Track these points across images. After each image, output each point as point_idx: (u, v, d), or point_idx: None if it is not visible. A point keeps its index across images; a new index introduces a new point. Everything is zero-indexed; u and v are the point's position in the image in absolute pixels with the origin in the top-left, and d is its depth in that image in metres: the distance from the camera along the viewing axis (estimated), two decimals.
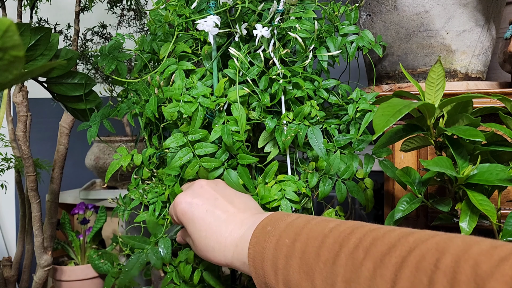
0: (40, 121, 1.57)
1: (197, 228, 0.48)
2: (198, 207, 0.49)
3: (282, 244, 0.41)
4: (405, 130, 0.54)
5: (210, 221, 0.48)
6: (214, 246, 0.47)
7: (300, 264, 0.38)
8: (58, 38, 0.58)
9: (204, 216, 0.48)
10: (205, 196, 0.50)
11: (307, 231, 0.40)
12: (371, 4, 0.81)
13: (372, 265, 0.34)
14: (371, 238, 0.36)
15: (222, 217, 0.48)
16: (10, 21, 0.21)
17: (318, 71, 0.65)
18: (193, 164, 0.54)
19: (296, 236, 0.40)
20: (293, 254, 0.39)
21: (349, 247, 0.36)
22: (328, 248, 0.37)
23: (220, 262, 0.47)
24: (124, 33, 0.70)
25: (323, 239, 0.38)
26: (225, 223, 0.47)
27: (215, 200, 0.49)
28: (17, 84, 0.89)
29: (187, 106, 0.54)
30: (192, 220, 0.49)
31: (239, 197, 0.51)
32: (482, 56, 0.80)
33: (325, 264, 0.37)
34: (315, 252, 0.38)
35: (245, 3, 0.55)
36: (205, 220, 0.48)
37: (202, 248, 0.48)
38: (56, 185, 0.96)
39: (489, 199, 0.48)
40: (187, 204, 0.49)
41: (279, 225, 0.43)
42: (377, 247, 0.35)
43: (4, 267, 1.08)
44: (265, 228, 0.43)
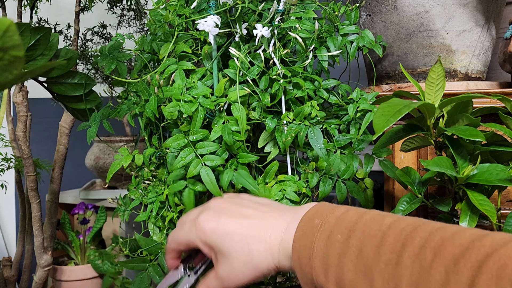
0: (40, 121, 1.56)
1: (235, 240, 0.43)
2: (227, 222, 0.44)
3: (334, 240, 0.38)
4: (405, 130, 0.54)
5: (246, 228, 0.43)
6: (259, 248, 0.42)
7: (356, 263, 0.35)
8: (58, 38, 0.58)
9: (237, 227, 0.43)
10: (227, 210, 0.45)
11: (362, 227, 0.37)
12: (371, 4, 0.81)
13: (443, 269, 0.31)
14: (439, 238, 0.33)
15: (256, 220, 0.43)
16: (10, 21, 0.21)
17: (318, 71, 0.65)
18: (196, 163, 0.54)
19: (349, 232, 0.37)
20: (348, 252, 0.36)
21: (414, 247, 0.33)
22: (390, 247, 0.34)
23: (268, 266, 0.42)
24: (124, 33, 0.70)
25: (383, 237, 0.35)
26: (262, 223, 0.43)
27: (240, 209, 0.45)
28: (17, 84, 0.89)
29: (187, 105, 0.54)
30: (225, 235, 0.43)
31: (260, 200, 0.47)
32: (482, 56, 0.80)
33: (386, 264, 0.34)
34: (374, 251, 0.35)
35: (245, 3, 0.55)
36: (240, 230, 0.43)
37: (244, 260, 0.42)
38: (56, 185, 0.96)
39: (489, 199, 0.48)
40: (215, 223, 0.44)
41: (328, 219, 0.39)
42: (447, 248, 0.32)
43: (4, 267, 1.08)
44: (312, 220, 0.40)
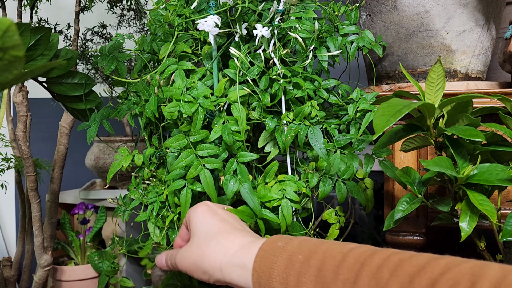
0: (40, 121, 1.56)
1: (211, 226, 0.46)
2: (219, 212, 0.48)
3: (294, 261, 0.38)
4: (405, 130, 0.54)
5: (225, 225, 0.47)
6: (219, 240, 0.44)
7: (315, 282, 0.36)
8: (58, 38, 0.58)
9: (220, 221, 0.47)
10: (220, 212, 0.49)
11: (324, 250, 0.38)
12: (371, 4, 0.81)
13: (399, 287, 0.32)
14: (397, 259, 0.34)
15: (237, 226, 0.47)
16: (10, 21, 0.21)
17: (318, 71, 0.65)
18: (196, 165, 0.54)
19: (311, 254, 0.38)
20: (308, 272, 0.37)
21: (372, 267, 0.34)
22: (348, 267, 0.35)
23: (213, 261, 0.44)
24: (124, 33, 0.70)
25: (343, 258, 0.36)
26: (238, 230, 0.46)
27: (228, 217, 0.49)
28: (17, 84, 0.89)
29: (187, 106, 0.54)
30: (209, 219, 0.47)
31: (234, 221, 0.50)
32: (482, 56, 0.80)
33: (344, 283, 0.34)
34: (332, 271, 0.36)
35: (245, 3, 0.55)
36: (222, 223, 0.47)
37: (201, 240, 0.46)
38: (56, 185, 0.96)
39: (489, 199, 0.48)
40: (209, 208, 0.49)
41: (291, 242, 0.41)
42: (404, 268, 0.33)
43: (4, 267, 1.08)
44: (275, 243, 0.41)
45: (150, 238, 0.62)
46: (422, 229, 0.72)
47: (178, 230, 0.61)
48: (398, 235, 0.73)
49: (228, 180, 0.55)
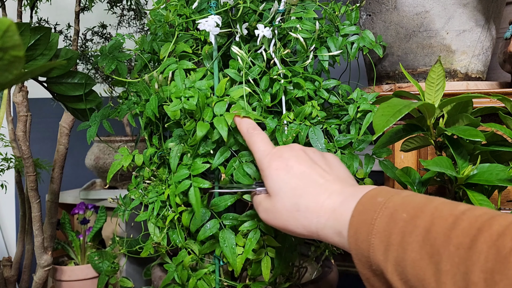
0: (40, 121, 1.56)
1: (291, 186, 0.44)
2: (295, 167, 0.45)
3: (398, 219, 0.35)
4: (405, 130, 0.54)
5: (306, 182, 0.44)
6: (308, 204, 0.42)
7: (422, 244, 0.33)
8: (58, 38, 0.58)
9: (301, 176, 0.44)
10: (302, 159, 0.46)
11: (432, 209, 0.35)
12: (371, 4, 0.81)
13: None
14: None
15: (320, 181, 0.44)
16: (10, 21, 0.21)
17: (319, 71, 0.65)
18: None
19: (416, 213, 0.35)
20: (413, 232, 0.34)
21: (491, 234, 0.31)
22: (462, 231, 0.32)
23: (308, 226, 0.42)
24: (124, 33, 0.70)
25: (455, 221, 0.33)
26: (323, 186, 0.43)
27: (312, 164, 0.45)
28: (17, 84, 0.89)
29: (189, 100, 0.54)
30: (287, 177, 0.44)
31: (337, 168, 0.47)
32: (482, 56, 0.80)
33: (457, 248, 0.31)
34: (443, 233, 0.33)
35: (246, 3, 0.55)
36: (302, 180, 0.44)
37: (290, 207, 0.43)
38: (56, 185, 0.96)
39: (489, 199, 0.48)
40: (284, 162, 0.45)
41: (393, 198, 0.38)
42: None
43: (4, 267, 1.08)
44: (375, 198, 0.38)
45: (150, 238, 0.62)
46: None
47: (179, 230, 0.61)
48: None
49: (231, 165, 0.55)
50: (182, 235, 0.61)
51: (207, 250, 0.59)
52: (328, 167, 0.46)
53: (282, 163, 0.46)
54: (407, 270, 0.34)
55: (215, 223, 0.57)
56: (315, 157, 0.47)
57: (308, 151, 0.48)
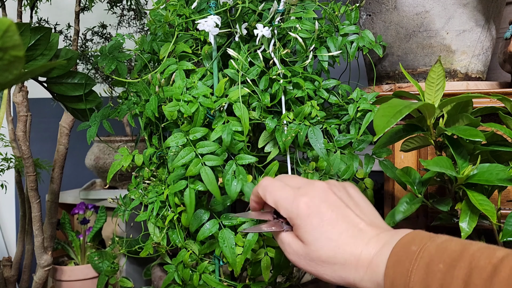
0: (40, 121, 1.56)
1: (324, 237, 0.41)
2: (326, 215, 0.42)
3: (435, 270, 0.35)
4: (405, 130, 0.54)
5: (340, 231, 0.41)
6: (345, 258, 0.40)
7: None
8: (58, 38, 0.58)
9: (333, 226, 0.41)
10: (333, 204, 0.43)
11: (468, 258, 0.34)
12: (371, 4, 0.81)
13: None
14: None
15: (354, 231, 0.41)
16: (10, 21, 0.21)
17: (318, 71, 0.65)
18: (196, 163, 0.54)
19: (453, 262, 0.34)
20: (452, 283, 0.33)
21: None
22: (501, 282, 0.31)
23: (347, 278, 0.41)
24: (124, 33, 0.70)
25: (494, 270, 0.32)
26: (358, 237, 0.41)
27: (344, 210, 0.43)
28: (17, 84, 0.89)
29: (187, 106, 0.54)
30: (319, 227, 0.42)
31: (366, 208, 0.45)
32: (482, 56, 0.80)
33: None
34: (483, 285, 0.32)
35: (246, 3, 0.55)
36: (335, 229, 0.41)
37: (326, 259, 0.41)
38: (56, 185, 0.96)
39: (489, 199, 0.48)
40: (314, 210, 0.42)
41: (427, 246, 0.37)
42: None
43: (4, 267, 1.08)
44: (409, 247, 0.37)
45: (150, 238, 0.62)
46: (422, 229, 0.72)
47: (178, 230, 0.61)
48: None
49: (230, 180, 0.54)
50: (182, 235, 0.61)
51: (207, 250, 0.59)
52: (357, 208, 0.44)
53: (313, 209, 0.43)
54: None
55: (215, 223, 0.57)
56: (342, 195, 0.45)
57: (334, 189, 0.45)
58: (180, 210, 0.59)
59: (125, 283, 0.69)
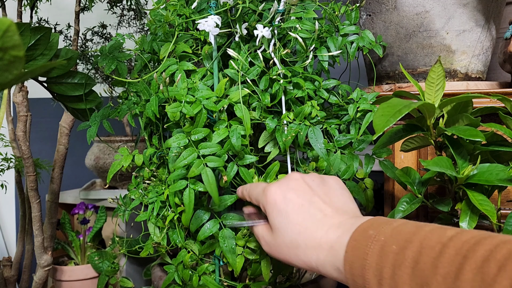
0: (40, 121, 1.56)
1: (289, 221, 0.44)
2: (292, 201, 0.45)
3: (388, 251, 0.36)
4: (405, 130, 0.54)
5: (304, 217, 0.44)
6: (307, 242, 0.42)
7: (411, 275, 0.33)
8: (58, 38, 0.58)
9: (298, 211, 0.44)
10: (301, 191, 0.46)
11: (420, 239, 0.35)
12: (371, 4, 0.81)
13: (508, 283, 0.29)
14: (506, 250, 0.30)
15: (317, 216, 0.44)
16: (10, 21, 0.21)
17: (319, 71, 0.65)
18: (198, 164, 0.54)
19: (406, 244, 0.35)
20: (403, 264, 0.34)
21: (477, 260, 0.31)
22: (449, 259, 0.32)
23: (308, 262, 0.42)
24: (124, 33, 0.70)
25: (442, 249, 0.33)
26: (321, 222, 0.43)
27: (311, 197, 0.45)
28: (17, 84, 0.89)
29: (190, 107, 0.54)
30: (284, 212, 0.44)
31: (336, 197, 0.47)
32: (482, 56, 0.80)
33: (444, 278, 0.32)
34: (431, 263, 0.33)
35: (246, 3, 0.55)
36: (300, 215, 0.44)
37: (289, 243, 0.44)
38: (56, 185, 0.96)
39: (489, 199, 0.48)
40: (281, 196, 0.45)
41: (383, 230, 0.38)
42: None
43: (4, 267, 1.08)
44: (366, 231, 0.39)
45: (150, 238, 0.62)
46: None
47: (178, 230, 0.61)
48: None
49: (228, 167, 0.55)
50: (182, 235, 0.61)
51: (207, 250, 0.59)
52: (327, 197, 0.46)
53: (280, 195, 0.45)
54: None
55: (215, 223, 0.57)
56: (314, 184, 0.47)
57: (308, 179, 0.47)
58: (180, 210, 0.59)
59: (126, 283, 0.69)
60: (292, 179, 0.47)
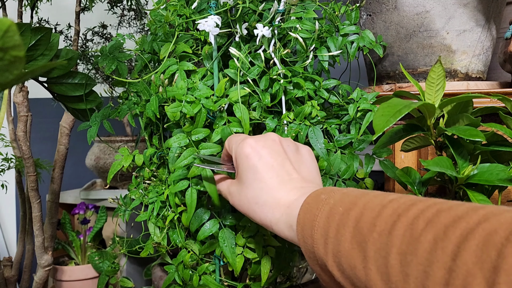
0: (40, 121, 1.57)
1: (256, 177, 0.45)
2: (264, 158, 0.46)
3: (335, 212, 0.38)
4: (406, 130, 0.54)
5: (271, 175, 0.45)
6: (267, 199, 0.44)
7: (353, 233, 0.36)
8: (59, 38, 0.58)
9: (267, 169, 0.46)
10: (275, 152, 0.47)
11: (364, 201, 0.37)
12: (371, 4, 0.81)
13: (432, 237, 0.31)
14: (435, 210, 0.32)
15: (285, 178, 0.45)
16: (11, 21, 0.21)
17: (319, 71, 0.65)
18: None
19: (351, 206, 0.37)
20: (346, 223, 0.36)
21: (408, 218, 0.33)
22: (385, 218, 0.34)
23: (264, 219, 0.44)
24: (125, 33, 0.70)
25: (381, 210, 0.35)
26: (285, 184, 0.45)
27: (283, 160, 0.47)
28: (17, 84, 0.89)
29: (190, 106, 0.54)
30: (254, 167, 0.46)
31: (306, 167, 0.49)
32: (483, 56, 0.80)
33: (380, 234, 0.34)
34: (370, 222, 0.35)
35: (246, 3, 0.55)
36: (268, 173, 0.45)
37: (251, 198, 0.46)
38: (56, 185, 0.96)
39: (489, 199, 0.48)
40: (255, 151, 0.46)
41: (334, 194, 0.40)
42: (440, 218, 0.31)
43: (5, 267, 1.08)
44: (319, 196, 0.41)
45: (150, 238, 0.63)
46: None
47: (179, 230, 0.61)
48: None
49: None
50: (182, 235, 0.61)
51: (207, 250, 0.60)
52: (298, 164, 0.48)
53: (254, 150, 0.47)
54: (342, 260, 0.36)
55: (215, 222, 0.57)
56: (289, 150, 0.49)
57: (284, 142, 0.49)
58: (180, 210, 0.59)
59: (126, 283, 0.69)
60: (270, 139, 0.48)
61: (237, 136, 0.50)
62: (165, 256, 0.66)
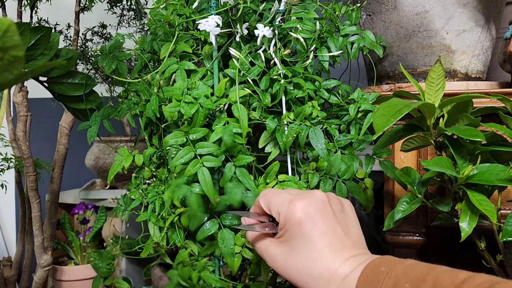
0: (40, 121, 1.56)
1: (309, 246, 0.42)
2: (318, 225, 0.43)
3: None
4: (405, 130, 0.54)
5: (325, 244, 0.42)
6: (321, 272, 0.41)
7: None
8: (59, 37, 0.58)
9: (321, 238, 0.43)
10: (326, 216, 0.44)
11: (433, 278, 0.35)
12: (371, 4, 0.81)
13: None
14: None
15: (338, 246, 0.43)
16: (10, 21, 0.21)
17: (319, 71, 0.65)
18: (194, 163, 0.54)
19: (419, 282, 0.35)
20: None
21: None
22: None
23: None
24: (124, 33, 0.69)
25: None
26: (338, 253, 0.42)
27: (335, 225, 0.44)
28: (17, 84, 0.89)
29: (188, 107, 0.54)
30: (307, 235, 0.43)
31: (353, 228, 0.46)
32: (482, 56, 0.80)
33: None
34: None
35: (247, 3, 0.55)
36: (321, 241, 0.43)
37: (302, 269, 0.42)
38: (56, 185, 0.96)
39: (489, 199, 0.48)
40: (308, 217, 0.43)
41: (395, 267, 0.38)
42: None
43: (4, 267, 1.08)
44: (378, 268, 0.39)
45: (150, 238, 0.62)
46: (422, 229, 0.72)
47: (178, 230, 0.61)
48: (398, 235, 0.73)
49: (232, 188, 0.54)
50: (182, 235, 0.61)
51: (207, 251, 0.59)
52: (347, 227, 0.45)
53: (307, 216, 0.43)
54: None
55: (215, 223, 0.57)
56: (337, 210, 0.46)
57: (331, 202, 0.46)
58: (179, 211, 0.59)
59: (121, 284, 0.69)
60: (319, 200, 0.45)
61: (278, 194, 0.47)
62: (164, 256, 0.66)
